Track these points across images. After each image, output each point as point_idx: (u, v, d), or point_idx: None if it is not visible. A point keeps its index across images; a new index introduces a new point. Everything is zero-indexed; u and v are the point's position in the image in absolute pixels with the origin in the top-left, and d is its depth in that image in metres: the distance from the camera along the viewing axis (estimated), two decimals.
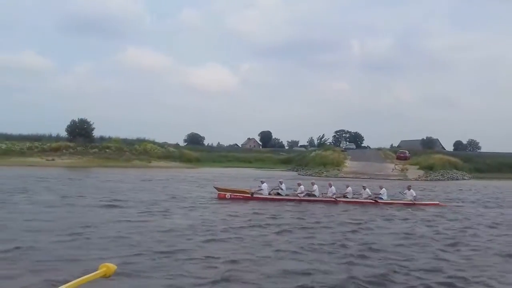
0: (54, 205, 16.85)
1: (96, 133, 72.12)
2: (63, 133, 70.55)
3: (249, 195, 20.67)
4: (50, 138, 69.83)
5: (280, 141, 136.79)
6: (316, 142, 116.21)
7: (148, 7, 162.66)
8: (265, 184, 21.02)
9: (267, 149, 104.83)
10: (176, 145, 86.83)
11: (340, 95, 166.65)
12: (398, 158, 67.68)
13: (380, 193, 21.13)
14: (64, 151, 63.26)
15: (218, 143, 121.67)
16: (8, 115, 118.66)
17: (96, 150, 65.14)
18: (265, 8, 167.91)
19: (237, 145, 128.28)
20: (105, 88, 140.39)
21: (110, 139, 71.90)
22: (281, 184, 21.06)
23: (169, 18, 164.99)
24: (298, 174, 53.68)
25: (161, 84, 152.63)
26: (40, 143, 65.11)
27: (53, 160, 59.39)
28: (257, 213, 16.48)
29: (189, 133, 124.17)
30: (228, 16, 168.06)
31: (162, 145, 75.83)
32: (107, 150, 65.75)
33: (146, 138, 75.25)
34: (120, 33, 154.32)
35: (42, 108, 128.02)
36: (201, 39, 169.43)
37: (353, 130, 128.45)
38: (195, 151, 79.62)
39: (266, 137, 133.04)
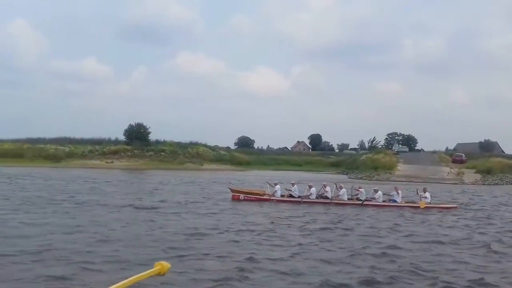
0: (101, 206, 17.45)
1: (152, 137, 74.02)
2: (122, 137, 72.82)
3: (262, 197, 20.91)
4: (109, 142, 72.42)
5: (330, 144, 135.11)
6: (367, 145, 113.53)
7: (201, 14, 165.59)
8: (278, 185, 21.21)
9: (316, 152, 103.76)
10: (227, 148, 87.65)
11: (392, 97, 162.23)
12: (454, 161, 64.87)
13: (393, 195, 20.81)
14: (122, 154, 65.64)
15: (268, 146, 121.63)
16: (71, 120, 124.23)
17: (151, 153, 67.06)
18: (317, 11, 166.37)
19: (287, 148, 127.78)
20: (160, 93, 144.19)
21: (164, 143, 73.61)
22: (293, 186, 21.27)
23: (222, 24, 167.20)
24: (348, 178, 52.65)
25: (213, 88, 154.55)
26: (100, 147, 67.88)
27: (112, 162, 61.65)
28: (277, 215, 16.63)
29: (239, 136, 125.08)
30: (279, 19, 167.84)
31: (214, 148, 77.06)
32: (162, 153, 67.57)
33: (199, 142, 76.63)
34: (174, 40, 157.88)
35: (102, 113, 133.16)
36: (253, 44, 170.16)
37: (405, 132, 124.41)
38: (245, 154, 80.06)
39: (315, 140, 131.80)
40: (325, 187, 21.14)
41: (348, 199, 20.62)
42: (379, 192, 20.63)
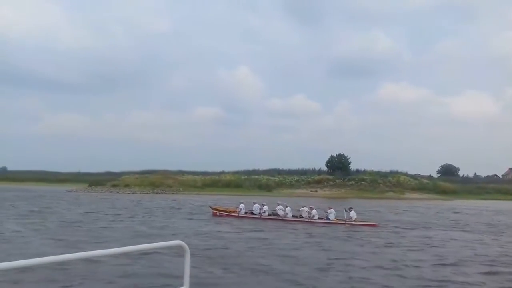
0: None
1: (353, 167, 74.12)
2: (324, 167, 74.19)
3: (230, 214, 24.95)
4: (313, 172, 74.69)
5: None
6: None
7: (407, 43, 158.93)
8: (242, 205, 24.95)
9: None
10: (429, 177, 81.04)
11: None
12: None
13: (328, 213, 22.31)
14: (325, 183, 67.09)
15: (475, 174, 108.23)
16: (281, 152, 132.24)
17: (352, 182, 66.87)
18: None
19: (497, 175, 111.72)
20: (361, 124, 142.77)
21: (365, 172, 72.62)
22: (254, 204, 24.63)
23: (426, 51, 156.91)
24: None
25: (416, 116, 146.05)
26: (305, 177, 70.31)
27: (316, 191, 63.31)
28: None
29: (442, 164, 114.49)
30: (492, 40, 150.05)
31: (415, 177, 72.75)
32: (362, 182, 66.77)
33: (399, 170, 73.25)
34: (378, 71, 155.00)
35: (307, 145, 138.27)
36: (459, 68, 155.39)
37: None
38: (450, 182, 72.91)
39: None
40: (277, 206, 24.12)
41: (293, 216, 23.11)
42: (314, 211, 22.74)
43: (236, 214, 24.55)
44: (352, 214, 21.89)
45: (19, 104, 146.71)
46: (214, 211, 25.71)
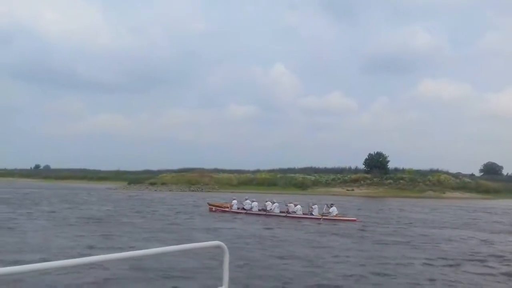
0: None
1: (391, 165, 72.57)
2: (361, 166, 73.41)
3: (225, 209, 26.44)
4: (349, 171, 73.96)
5: None
6: None
7: (446, 39, 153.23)
8: (235, 201, 26.99)
9: None
10: (471, 176, 78.34)
11: None
12: None
13: (312, 209, 23.68)
14: (362, 182, 66.17)
15: None
16: (316, 151, 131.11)
17: (390, 181, 65.60)
18: None
19: None
20: (400, 122, 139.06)
21: (403, 171, 71.17)
22: (246, 200, 26.49)
23: (468, 46, 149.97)
24: None
25: (458, 113, 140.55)
26: (342, 175, 69.57)
27: (352, 190, 62.57)
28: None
29: (485, 162, 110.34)
30: None
31: (456, 175, 70.64)
32: (401, 181, 65.49)
33: (439, 169, 71.06)
34: (417, 68, 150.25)
35: (344, 143, 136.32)
36: (503, 62, 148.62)
37: None
38: (493, 181, 70.35)
39: None
40: (265, 202, 25.72)
41: (281, 212, 24.60)
42: (298, 206, 24.20)
43: (229, 210, 26.30)
44: (332, 210, 23.34)
45: (60, 104, 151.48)
46: (211, 206, 27.48)
